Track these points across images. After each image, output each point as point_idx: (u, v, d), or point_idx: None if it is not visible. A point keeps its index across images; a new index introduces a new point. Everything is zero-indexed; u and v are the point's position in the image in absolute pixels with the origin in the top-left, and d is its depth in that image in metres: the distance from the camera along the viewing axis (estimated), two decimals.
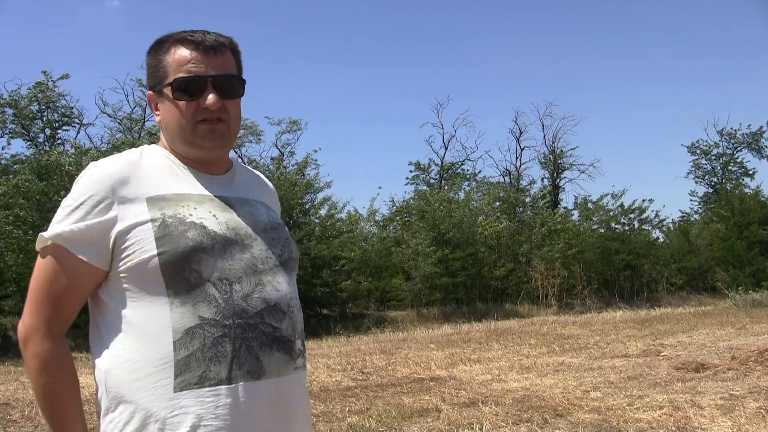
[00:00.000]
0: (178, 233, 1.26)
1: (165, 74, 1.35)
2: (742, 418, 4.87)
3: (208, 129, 1.35)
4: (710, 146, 39.46)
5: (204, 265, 1.26)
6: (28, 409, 6.10)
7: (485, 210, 25.28)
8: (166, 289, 1.24)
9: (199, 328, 1.23)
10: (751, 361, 7.26)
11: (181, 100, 1.34)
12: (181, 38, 1.36)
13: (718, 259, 26.99)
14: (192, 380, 1.22)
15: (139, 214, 1.27)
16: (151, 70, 1.39)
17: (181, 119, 1.35)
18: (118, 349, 1.25)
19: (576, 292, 22.68)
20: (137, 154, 1.38)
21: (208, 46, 1.35)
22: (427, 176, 35.15)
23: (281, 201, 1.76)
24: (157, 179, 1.33)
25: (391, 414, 5.61)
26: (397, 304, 21.61)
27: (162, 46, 1.38)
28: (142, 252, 1.25)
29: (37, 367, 1.23)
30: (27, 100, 23.23)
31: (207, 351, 1.23)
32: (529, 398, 6.04)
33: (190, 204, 1.32)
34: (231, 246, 1.30)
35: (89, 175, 1.30)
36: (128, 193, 1.29)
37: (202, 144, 1.36)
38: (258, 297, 1.29)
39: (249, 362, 1.25)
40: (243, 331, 1.25)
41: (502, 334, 12.79)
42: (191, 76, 1.33)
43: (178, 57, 1.35)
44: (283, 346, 1.30)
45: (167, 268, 1.24)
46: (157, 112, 1.40)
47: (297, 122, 26.52)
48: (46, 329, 1.24)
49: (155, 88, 1.38)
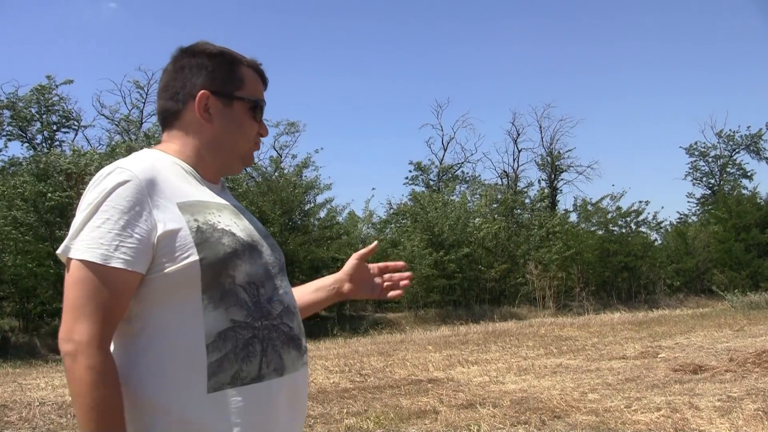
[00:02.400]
0: (215, 240, 1.27)
1: (241, 87, 1.41)
2: (740, 420, 4.87)
3: (255, 150, 1.47)
4: (708, 148, 39.58)
5: (238, 271, 1.28)
6: (26, 411, 6.09)
7: (482, 211, 25.31)
8: (201, 294, 1.25)
9: (231, 331, 1.26)
10: (748, 363, 7.27)
11: (254, 121, 1.43)
12: (252, 64, 1.45)
13: (716, 261, 27.04)
14: (225, 380, 1.24)
15: (174, 218, 1.26)
16: (220, 73, 1.40)
17: (246, 136, 1.43)
18: (147, 353, 1.25)
19: (574, 293, 22.70)
20: (151, 157, 1.36)
21: (265, 82, 1.48)
22: (426, 177, 35.21)
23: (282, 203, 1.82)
24: (177, 184, 1.33)
25: (388, 416, 5.61)
26: (395, 305, 21.59)
27: (234, 59, 1.43)
28: (185, 257, 1.24)
29: (93, 381, 1.17)
30: (25, 102, 23.22)
31: (239, 352, 1.26)
32: (526, 400, 6.04)
33: (213, 211, 1.33)
34: (253, 252, 1.34)
35: (120, 177, 1.25)
36: (160, 197, 1.27)
37: (249, 162, 1.48)
38: (277, 300, 1.35)
39: (275, 360, 1.31)
40: (269, 331, 1.30)
41: (499, 335, 12.79)
42: (264, 104, 1.45)
43: (254, 79, 1.44)
44: (295, 343, 1.37)
45: (207, 273, 1.25)
46: (205, 114, 1.39)
47: (295, 124, 26.59)
48: (99, 344, 1.19)
49: (224, 94, 1.39)
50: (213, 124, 1.39)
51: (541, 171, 36.11)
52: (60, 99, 23.85)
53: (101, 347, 1.19)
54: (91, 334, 1.19)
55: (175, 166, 1.37)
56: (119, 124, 25.59)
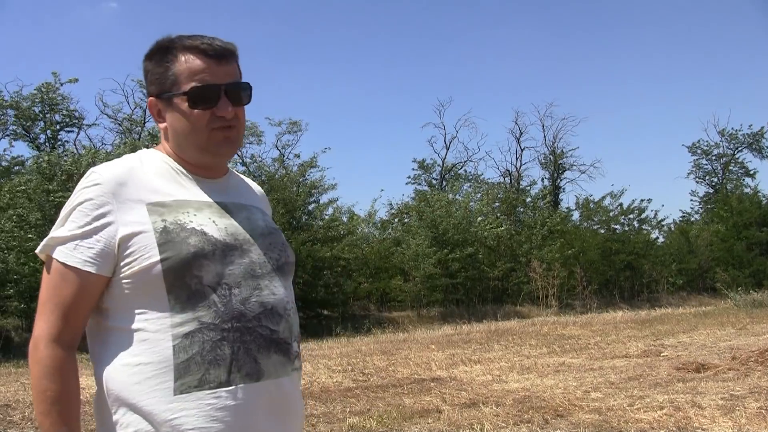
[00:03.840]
0: (180, 239, 1.27)
1: (175, 82, 1.35)
2: (743, 419, 4.86)
3: (223, 137, 1.37)
4: (711, 146, 39.49)
5: (205, 271, 1.27)
6: (29, 411, 6.10)
7: (484, 210, 25.29)
8: (167, 294, 1.26)
9: (198, 333, 1.25)
10: (751, 362, 7.25)
11: (196, 109, 1.34)
12: (190, 46, 1.35)
13: (718, 260, 26.99)
14: (192, 383, 1.23)
15: (140, 219, 1.28)
16: (155, 76, 1.38)
17: (195, 127, 1.35)
18: (118, 353, 1.26)
19: (576, 292, 22.67)
20: (136, 159, 1.39)
21: (219, 54, 1.36)
22: (429, 176, 35.19)
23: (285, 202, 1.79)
24: (156, 185, 1.34)
25: (391, 415, 5.61)
26: (397, 304, 21.60)
27: (168, 53, 1.36)
28: (145, 258, 1.25)
29: (36, 373, 1.23)
30: (30, 101, 23.25)
31: (206, 354, 1.24)
32: (529, 399, 6.04)
33: (189, 210, 1.33)
34: (231, 251, 1.32)
35: (89, 181, 1.30)
36: (128, 199, 1.29)
37: (216, 151, 1.38)
38: (256, 301, 1.31)
39: (248, 365, 1.27)
40: (241, 334, 1.27)
41: (502, 334, 12.79)
42: (207, 86, 1.33)
43: (191, 65, 1.34)
44: (280, 348, 1.33)
45: (169, 273, 1.25)
46: (160, 119, 1.40)
47: (297, 123, 26.46)
48: (54, 337, 1.24)
49: (162, 95, 1.37)
50: (169, 126, 1.39)
51: (543, 170, 36.07)
52: (63, 98, 23.88)
53: (54, 343, 1.24)
54: (45, 331, 1.24)
55: (164, 164, 1.39)
56: (122, 123, 25.61)
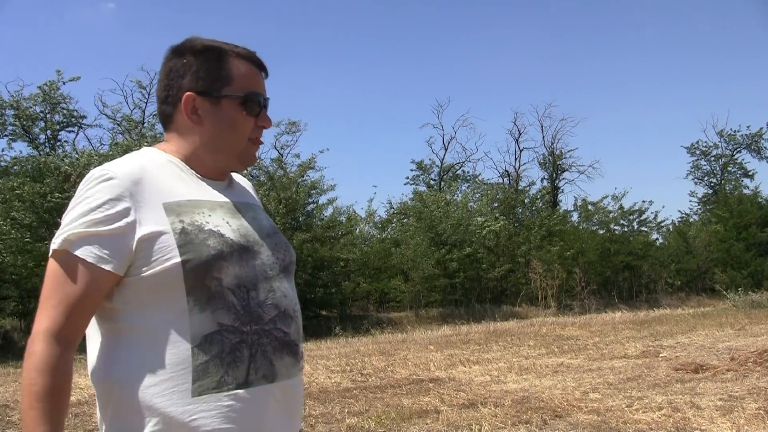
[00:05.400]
0: (199, 241, 1.25)
1: (229, 82, 1.34)
2: (742, 419, 4.87)
3: (255, 148, 1.41)
4: (710, 147, 39.53)
5: (224, 273, 1.25)
6: None
7: (483, 211, 25.30)
8: (186, 296, 1.23)
9: (217, 335, 1.23)
10: (750, 362, 7.26)
11: (244, 117, 1.35)
12: (241, 52, 1.38)
13: (717, 261, 27.00)
14: (210, 385, 1.22)
15: (158, 220, 1.25)
16: (204, 73, 1.35)
17: (239, 133, 1.36)
18: (132, 355, 1.24)
19: (575, 293, 22.69)
20: (143, 157, 1.35)
21: (262, 67, 1.40)
22: (427, 177, 35.19)
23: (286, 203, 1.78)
24: (169, 184, 1.31)
25: (390, 415, 5.61)
26: (396, 305, 21.61)
27: (221, 54, 1.36)
28: (165, 259, 1.23)
29: (27, 365, 1.20)
30: (31, 101, 23.20)
31: (225, 356, 1.23)
32: (528, 399, 6.04)
33: (204, 211, 1.30)
34: (245, 253, 1.30)
35: (104, 177, 1.25)
36: (145, 198, 1.26)
37: (246, 161, 1.41)
38: (271, 303, 1.31)
39: (264, 367, 1.27)
40: (259, 336, 1.27)
41: (501, 335, 12.79)
42: (261, 95, 1.37)
43: (247, 71, 1.36)
44: (291, 349, 1.33)
45: (190, 275, 1.23)
46: (193, 116, 1.36)
47: (296, 123, 26.49)
48: (52, 332, 1.20)
49: (211, 93, 1.34)
50: (204, 126, 1.36)
51: (542, 170, 36.08)
52: (64, 98, 23.83)
53: (51, 338, 1.20)
54: (45, 326, 1.20)
55: (170, 164, 1.36)
56: (121, 123, 25.57)
